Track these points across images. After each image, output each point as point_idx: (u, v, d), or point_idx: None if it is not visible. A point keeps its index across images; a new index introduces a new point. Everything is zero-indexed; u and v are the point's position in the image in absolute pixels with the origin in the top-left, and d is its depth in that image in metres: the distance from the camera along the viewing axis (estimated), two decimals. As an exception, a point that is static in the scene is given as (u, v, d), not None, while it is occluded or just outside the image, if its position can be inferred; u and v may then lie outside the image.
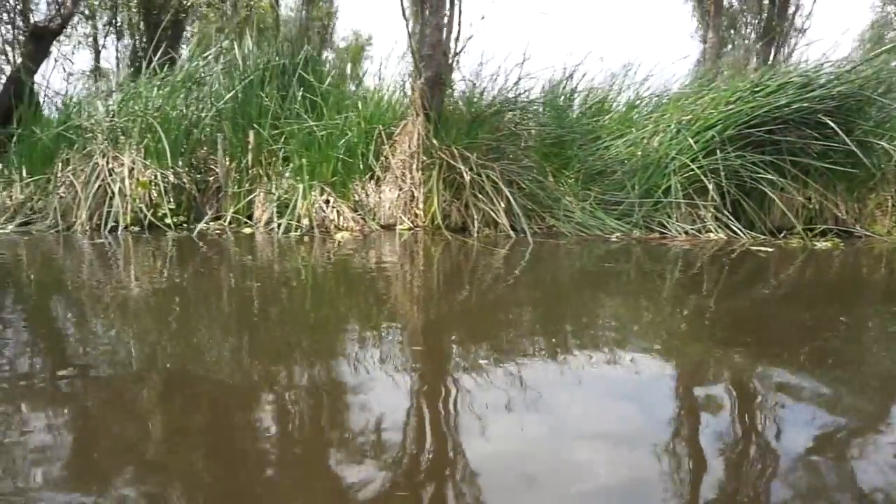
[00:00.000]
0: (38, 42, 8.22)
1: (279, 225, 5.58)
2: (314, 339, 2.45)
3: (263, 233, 5.53)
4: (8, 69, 8.98)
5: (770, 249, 4.86)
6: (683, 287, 3.58)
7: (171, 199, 5.72)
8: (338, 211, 5.73)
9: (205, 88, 6.21)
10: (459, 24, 6.07)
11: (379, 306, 2.99)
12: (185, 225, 5.73)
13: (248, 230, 5.58)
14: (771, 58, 9.03)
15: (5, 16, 8.28)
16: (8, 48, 8.52)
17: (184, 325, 2.58)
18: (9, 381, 1.83)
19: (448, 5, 5.72)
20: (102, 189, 5.57)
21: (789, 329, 2.61)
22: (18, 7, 8.17)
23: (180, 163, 5.94)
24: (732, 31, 26.82)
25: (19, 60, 8.85)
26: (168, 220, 5.58)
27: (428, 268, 4.20)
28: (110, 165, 5.67)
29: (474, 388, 1.82)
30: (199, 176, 6.15)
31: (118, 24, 11.05)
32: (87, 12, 8.99)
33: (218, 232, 5.54)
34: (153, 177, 5.72)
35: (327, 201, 5.75)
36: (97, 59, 13.09)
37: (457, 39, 6.00)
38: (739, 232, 5.51)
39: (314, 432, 1.55)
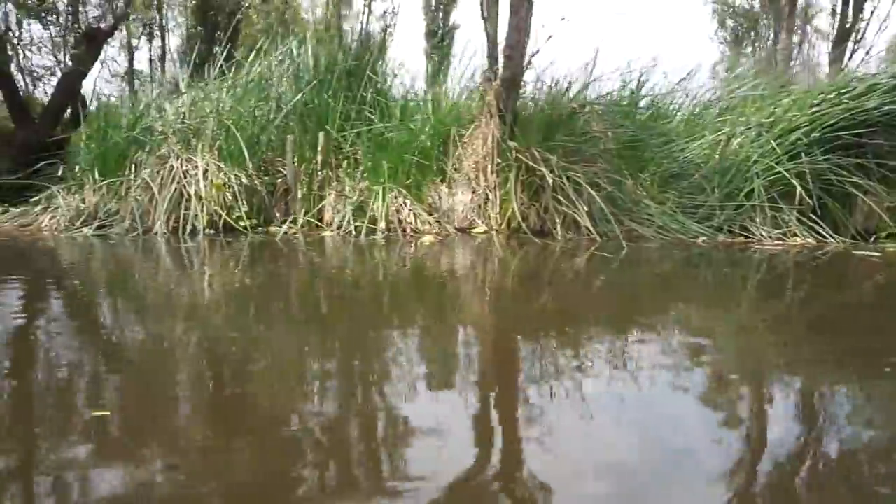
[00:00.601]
0: (91, 43, 8.16)
1: (356, 228, 5.50)
2: (458, 344, 2.36)
3: (342, 235, 5.45)
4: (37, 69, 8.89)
5: (877, 254, 4.75)
6: (829, 299, 3.48)
7: (245, 202, 5.65)
8: (415, 214, 5.65)
9: (273, 90, 6.14)
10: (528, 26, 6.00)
11: (515, 313, 2.90)
12: (257, 228, 5.66)
13: (327, 233, 5.50)
14: (845, 60, 8.93)
15: (57, 17, 8.21)
16: (56, 50, 8.46)
17: (321, 332, 2.49)
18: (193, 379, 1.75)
19: (526, 6, 5.63)
20: (178, 191, 5.51)
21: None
22: (70, 9, 8.11)
23: (250, 165, 5.87)
24: (753, 33, 26.70)
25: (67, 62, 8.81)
26: (244, 223, 5.51)
27: (535, 273, 4.11)
28: (184, 168, 5.61)
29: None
30: (266, 178, 6.07)
31: (164, 25, 11.02)
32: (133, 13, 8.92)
33: (296, 235, 5.46)
34: (227, 179, 5.65)
35: (404, 204, 5.67)
36: (131, 61, 13.06)
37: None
38: (827, 236, 5.40)
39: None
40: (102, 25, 8.08)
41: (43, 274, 3.85)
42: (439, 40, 24.66)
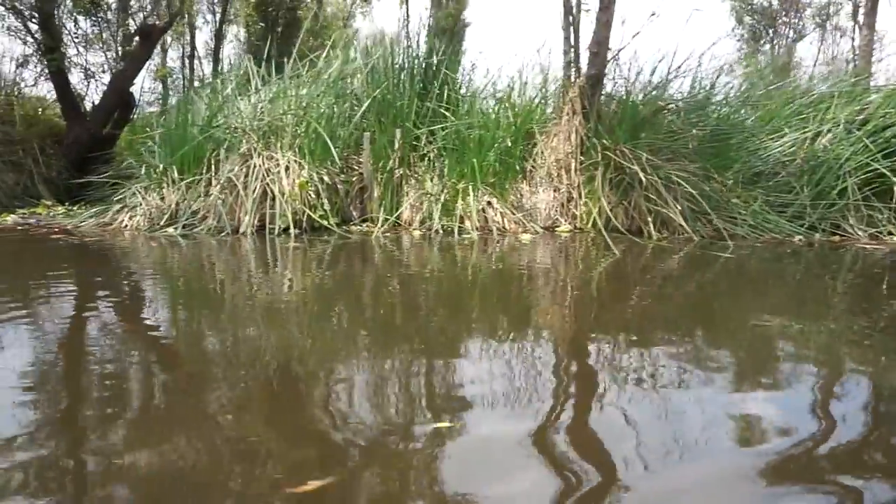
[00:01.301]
0: (145, 41, 8.06)
1: (443, 227, 5.41)
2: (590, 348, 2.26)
3: (430, 234, 5.36)
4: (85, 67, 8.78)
5: None
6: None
7: (327, 200, 5.56)
8: (501, 213, 5.57)
9: (349, 88, 6.05)
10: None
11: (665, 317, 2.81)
12: (339, 227, 5.56)
13: (416, 232, 5.41)
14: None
15: (109, 14, 8.12)
16: (108, 47, 8.36)
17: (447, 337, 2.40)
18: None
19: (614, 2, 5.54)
20: (261, 190, 5.41)
21: None
22: (123, 5, 8.01)
23: (339, 162, 5.78)
24: (771, 31, 26.58)
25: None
26: (330, 221, 5.42)
27: (642, 274, 4.02)
28: (266, 166, 5.51)
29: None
30: (341, 176, 5.98)
31: (192, 24, 10.91)
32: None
33: (385, 234, 5.37)
34: (310, 177, 5.56)
35: (490, 202, 5.58)
36: (164, 58, 12.96)
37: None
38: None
39: None
40: (157, 22, 7.97)
41: (161, 275, 3.76)
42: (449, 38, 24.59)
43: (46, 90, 8.73)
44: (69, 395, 1.71)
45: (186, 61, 14.26)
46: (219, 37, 13.48)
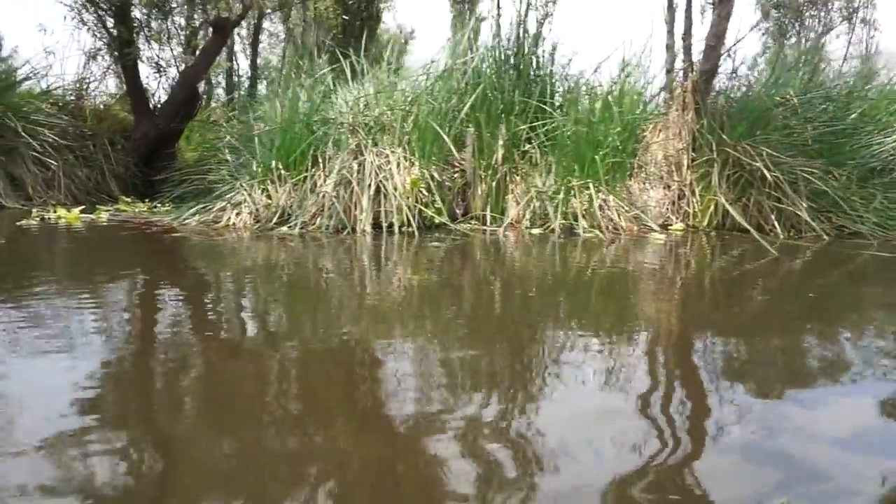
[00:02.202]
0: (218, 34, 7.92)
1: (561, 225, 5.29)
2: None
3: (546, 232, 5.25)
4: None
5: None
6: None
7: (438, 197, 5.44)
8: (617, 210, 5.44)
9: (455, 82, 5.91)
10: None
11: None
12: (448, 225, 5.44)
13: (535, 231, 5.30)
14: None
15: (184, 8, 7.97)
16: (179, 41, 8.21)
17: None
18: None
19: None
20: (375, 187, 5.29)
21: None
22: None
23: (457, 156, 5.66)
24: (797, 23, 26.38)
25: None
26: (444, 218, 5.31)
27: (824, 275, 3.90)
28: (377, 162, 5.39)
29: None
30: (446, 173, 5.86)
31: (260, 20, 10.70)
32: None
33: (506, 233, 5.25)
34: (421, 174, 5.43)
35: (606, 201, 5.46)
36: (231, 55, 12.81)
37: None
38: None
39: None
40: (230, 15, 7.82)
41: (301, 278, 3.64)
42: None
43: (113, 85, 8.60)
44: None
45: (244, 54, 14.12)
46: (258, 31, 13.32)
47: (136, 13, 7.76)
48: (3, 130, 6.92)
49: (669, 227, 5.54)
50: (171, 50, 8.48)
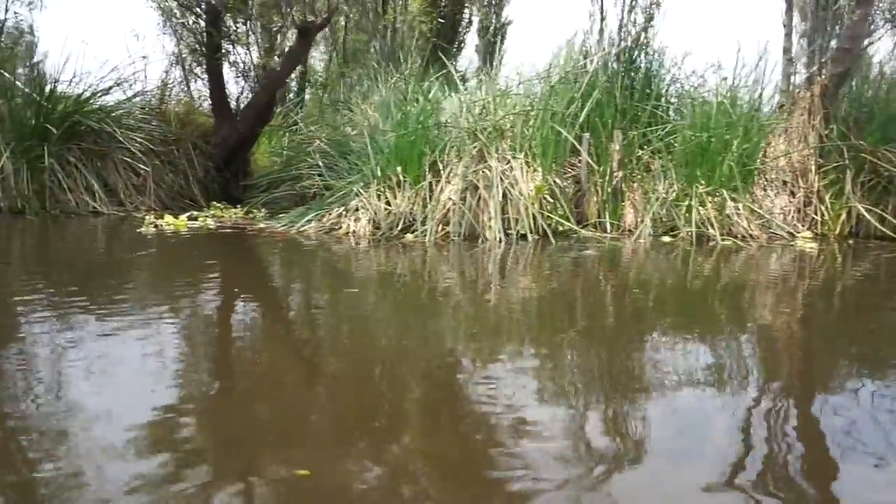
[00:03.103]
0: (303, 38, 7.83)
1: (690, 233, 5.14)
2: None
3: (677, 240, 5.10)
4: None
5: None
6: None
7: (563, 204, 5.31)
8: (747, 218, 5.28)
9: (569, 88, 5.78)
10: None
11: None
12: (569, 232, 5.30)
13: (666, 238, 5.15)
14: None
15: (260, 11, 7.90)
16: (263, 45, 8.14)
17: None
18: None
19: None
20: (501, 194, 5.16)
21: None
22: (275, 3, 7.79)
23: (556, 165, 5.52)
24: (838, 27, 25.99)
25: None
26: (571, 224, 5.18)
27: None
28: (502, 168, 5.26)
29: None
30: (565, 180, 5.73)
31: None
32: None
33: (639, 240, 5.10)
34: (545, 181, 5.31)
35: (736, 208, 5.30)
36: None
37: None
38: None
39: None
40: (315, 19, 7.73)
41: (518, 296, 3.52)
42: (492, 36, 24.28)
43: (193, 89, 8.55)
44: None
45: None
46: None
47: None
48: (99, 135, 6.86)
49: (798, 235, 5.37)
50: (252, 54, 8.43)
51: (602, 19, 6.43)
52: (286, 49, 8.02)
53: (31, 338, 2.15)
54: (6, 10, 6.59)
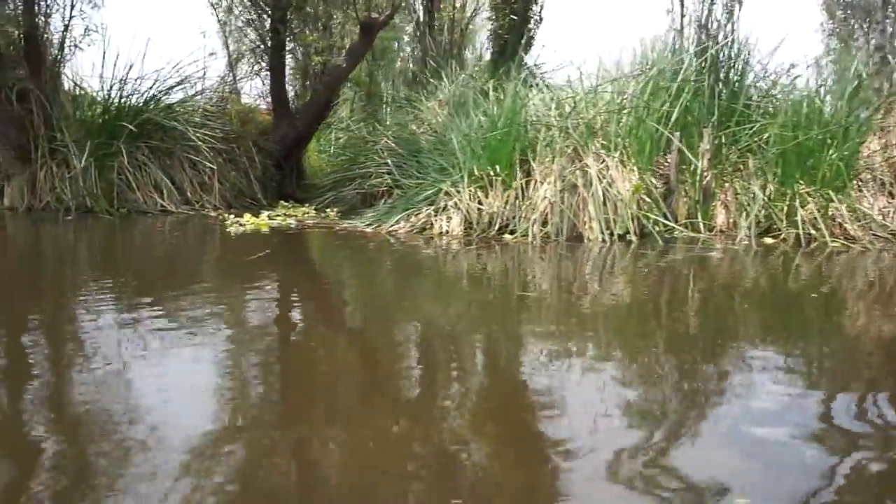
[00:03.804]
0: (366, 35, 7.71)
1: (793, 234, 4.98)
2: None
3: (778, 241, 4.95)
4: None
5: None
6: None
7: (662, 203, 5.17)
8: (850, 220, 5.12)
9: (661, 86, 5.63)
10: None
11: None
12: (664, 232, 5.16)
13: (768, 240, 5.00)
14: None
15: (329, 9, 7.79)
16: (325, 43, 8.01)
17: None
18: None
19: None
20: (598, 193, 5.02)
21: None
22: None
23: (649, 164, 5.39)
24: (867, 26, 25.76)
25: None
26: (671, 223, 5.04)
27: None
28: (597, 167, 5.13)
29: None
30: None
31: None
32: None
33: (742, 242, 4.94)
34: (642, 181, 5.17)
35: (838, 209, 5.14)
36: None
37: None
38: None
39: None
40: (378, 16, 7.61)
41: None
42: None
43: (251, 88, 8.45)
44: None
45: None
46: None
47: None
48: (167, 132, 6.76)
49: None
50: (313, 52, 8.30)
51: (682, 15, 6.27)
52: (347, 47, 7.88)
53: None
54: (72, 8, 6.45)
